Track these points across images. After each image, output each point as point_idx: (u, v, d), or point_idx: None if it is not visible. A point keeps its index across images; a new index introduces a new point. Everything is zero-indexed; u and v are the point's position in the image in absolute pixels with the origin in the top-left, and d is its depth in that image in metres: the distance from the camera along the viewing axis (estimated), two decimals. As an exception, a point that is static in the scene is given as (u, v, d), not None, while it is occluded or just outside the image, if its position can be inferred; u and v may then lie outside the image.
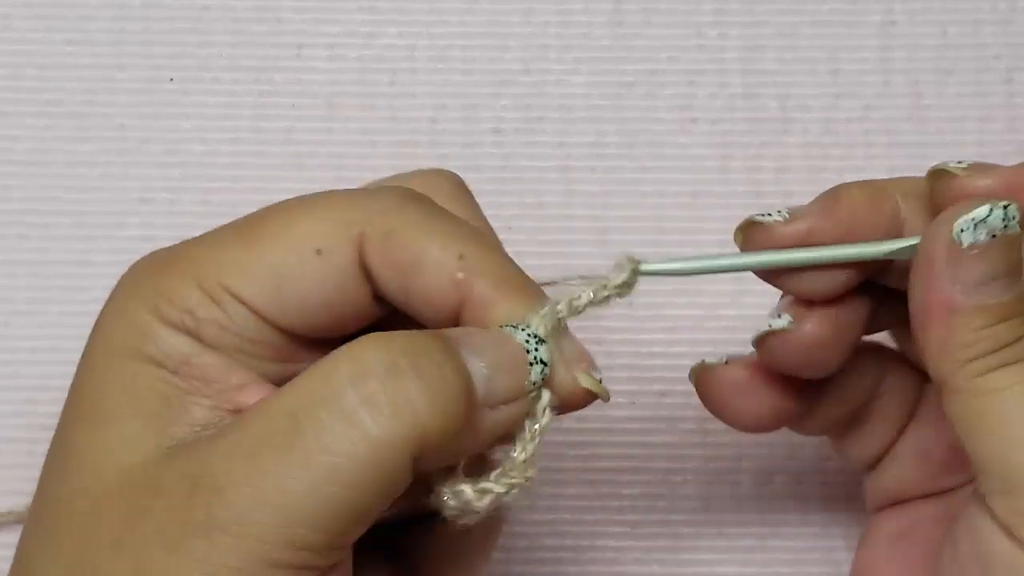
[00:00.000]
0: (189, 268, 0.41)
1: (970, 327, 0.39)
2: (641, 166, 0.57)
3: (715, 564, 0.55)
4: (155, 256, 0.43)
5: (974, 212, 0.39)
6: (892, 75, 0.58)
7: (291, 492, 0.36)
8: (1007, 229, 0.39)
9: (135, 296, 0.41)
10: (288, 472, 0.36)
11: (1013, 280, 0.39)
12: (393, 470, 0.36)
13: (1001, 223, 0.39)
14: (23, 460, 0.55)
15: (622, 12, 0.58)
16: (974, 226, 0.39)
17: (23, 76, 0.58)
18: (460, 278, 0.39)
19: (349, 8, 0.58)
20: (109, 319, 0.41)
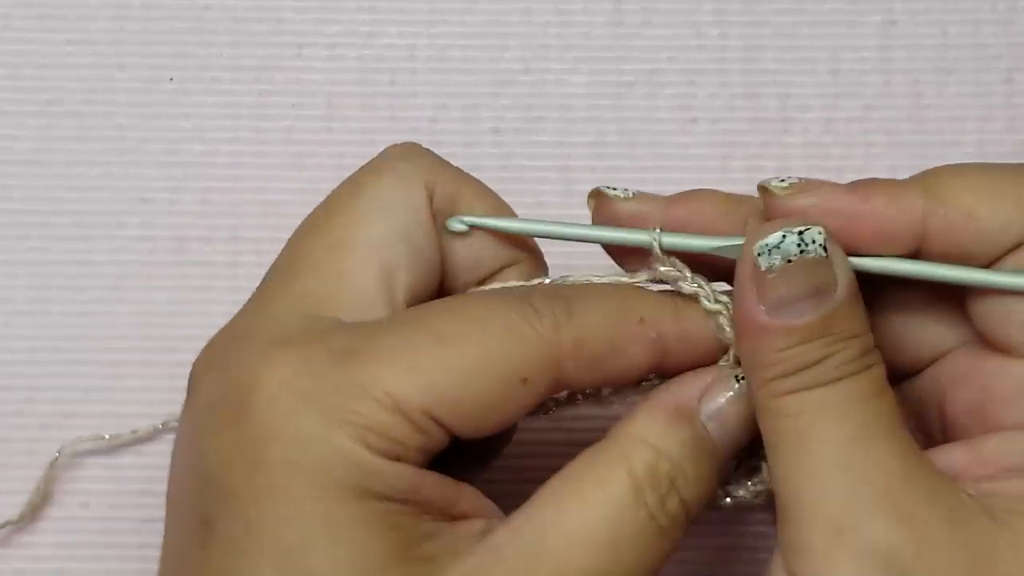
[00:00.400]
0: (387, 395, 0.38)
1: (773, 347, 0.39)
2: (641, 166, 0.57)
3: (715, 564, 0.55)
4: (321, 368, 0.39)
5: (768, 238, 0.39)
6: (892, 75, 0.58)
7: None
8: (804, 254, 0.39)
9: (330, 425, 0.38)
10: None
11: (820, 301, 0.39)
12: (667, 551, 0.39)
13: (796, 248, 0.39)
14: (23, 460, 0.55)
15: (622, 12, 0.58)
16: (768, 251, 0.39)
17: (23, 76, 0.58)
18: (653, 337, 0.41)
19: (349, 8, 0.58)
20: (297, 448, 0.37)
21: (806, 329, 0.38)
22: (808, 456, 0.39)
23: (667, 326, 0.41)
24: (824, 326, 0.38)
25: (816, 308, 0.39)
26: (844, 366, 0.39)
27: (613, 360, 0.41)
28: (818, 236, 0.39)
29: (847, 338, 0.39)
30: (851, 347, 0.39)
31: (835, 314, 0.39)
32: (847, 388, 0.39)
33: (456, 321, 0.40)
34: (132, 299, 0.56)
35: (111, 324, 0.56)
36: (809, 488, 0.38)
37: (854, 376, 0.39)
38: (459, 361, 0.39)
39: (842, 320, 0.39)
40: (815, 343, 0.39)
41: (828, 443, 0.38)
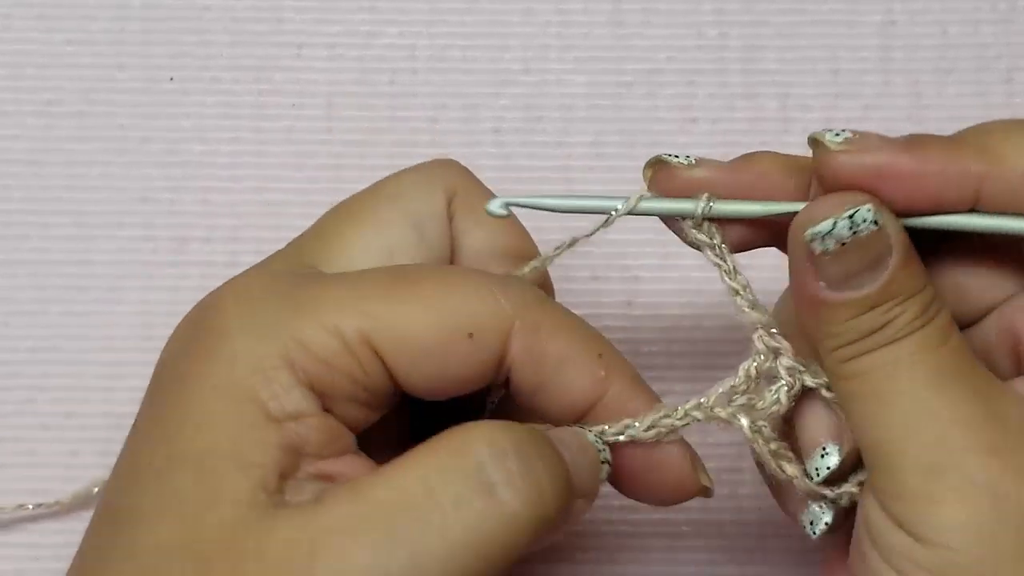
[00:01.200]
0: (332, 313, 0.40)
1: (837, 319, 0.40)
2: (641, 166, 0.57)
3: (715, 564, 0.55)
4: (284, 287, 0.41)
5: (819, 226, 0.39)
6: (892, 75, 0.58)
7: (424, 565, 0.36)
8: (857, 234, 0.39)
9: (265, 335, 0.39)
10: (424, 543, 0.37)
11: (877, 272, 0.39)
12: (518, 546, 0.38)
13: (848, 232, 0.39)
14: (23, 460, 0.55)
15: (622, 12, 0.58)
16: (821, 238, 0.39)
17: (23, 76, 0.58)
18: (602, 376, 0.42)
19: (349, 8, 0.58)
20: (228, 352, 0.40)
21: (866, 300, 0.39)
22: (888, 409, 0.39)
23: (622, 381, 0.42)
24: (883, 293, 0.39)
25: (874, 279, 0.39)
26: (908, 325, 0.39)
27: (559, 370, 0.41)
28: (868, 214, 0.39)
29: (907, 299, 0.39)
30: (912, 306, 0.39)
31: (892, 280, 0.39)
32: (914, 342, 0.39)
33: (423, 272, 0.42)
34: (132, 299, 0.56)
35: (111, 324, 0.56)
36: (896, 438, 0.39)
37: (919, 331, 0.39)
38: (407, 299, 0.40)
39: (900, 283, 0.39)
40: (877, 310, 0.39)
41: (905, 393, 0.39)
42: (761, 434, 0.42)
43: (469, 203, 0.45)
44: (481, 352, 0.41)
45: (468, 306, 0.41)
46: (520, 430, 0.39)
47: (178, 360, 0.41)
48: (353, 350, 0.40)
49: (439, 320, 0.40)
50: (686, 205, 0.42)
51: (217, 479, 0.38)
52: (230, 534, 0.37)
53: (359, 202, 0.45)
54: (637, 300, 0.56)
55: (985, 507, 0.38)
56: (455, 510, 0.37)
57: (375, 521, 0.37)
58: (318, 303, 0.40)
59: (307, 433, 0.39)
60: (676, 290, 0.56)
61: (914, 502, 0.39)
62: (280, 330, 0.39)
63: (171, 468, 0.39)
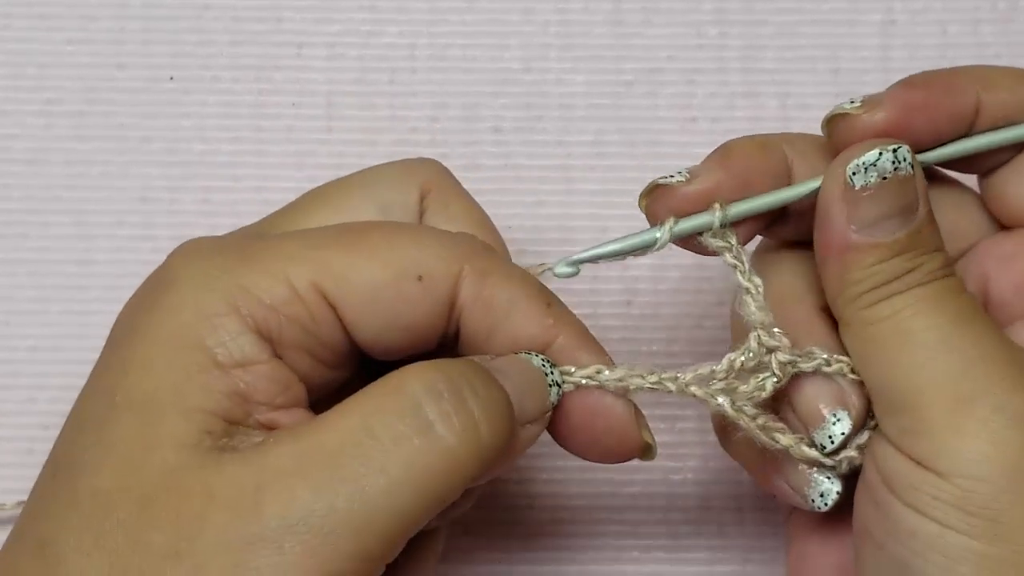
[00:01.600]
0: (280, 262, 0.40)
1: (863, 264, 0.41)
2: (641, 165, 0.57)
3: (715, 564, 0.55)
4: (235, 241, 0.42)
5: (864, 156, 0.41)
6: (892, 75, 0.58)
7: (368, 499, 0.37)
8: (897, 171, 0.41)
9: (211, 284, 0.40)
10: (366, 480, 0.37)
11: (907, 218, 0.41)
12: (455, 483, 0.38)
13: (891, 165, 0.41)
14: (23, 460, 0.55)
15: (622, 11, 0.58)
16: (864, 169, 0.41)
17: (23, 76, 0.58)
18: (550, 324, 0.42)
19: (349, 7, 0.58)
20: (174, 298, 0.40)
21: (895, 245, 0.41)
22: (913, 346, 0.40)
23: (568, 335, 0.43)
24: (911, 241, 0.41)
25: (903, 225, 0.41)
26: (933, 272, 0.41)
27: (506, 314, 0.42)
28: (907, 154, 0.41)
29: (931, 251, 0.41)
30: (935, 259, 0.41)
31: (920, 229, 0.41)
32: (938, 287, 0.41)
33: (368, 224, 0.43)
34: (132, 299, 0.56)
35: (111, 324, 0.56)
36: (921, 373, 0.40)
37: (943, 279, 0.41)
38: (356, 246, 0.41)
39: (926, 235, 0.41)
40: (903, 256, 0.41)
41: (931, 329, 0.40)
42: (744, 412, 0.42)
43: (442, 199, 0.46)
44: (431, 295, 0.41)
45: (416, 251, 0.41)
46: (454, 366, 0.40)
47: (128, 315, 0.42)
48: (302, 297, 0.40)
49: (387, 264, 0.41)
50: (705, 218, 0.43)
51: (158, 423, 0.39)
52: (172, 476, 0.38)
53: (330, 188, 0.46)
54: (637, 300, 0.56)
55: (1013, 439, 0.39)
56: (395, 447, 0.38)
57: (319, 460, 0.38)
58: (265, 253, 0.41)
59: (255, 381, 0.40)
60: (676, 290, 0.56)
61: (940, 436, 0.39)
62: (227, 279, 0.40)
63: (113, 415, 0.39)
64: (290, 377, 0.41)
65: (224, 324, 0.40)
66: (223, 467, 0.38)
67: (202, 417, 0.39)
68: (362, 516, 0.37)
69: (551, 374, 0.42)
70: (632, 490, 0.55)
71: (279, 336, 0.40)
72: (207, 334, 0.39)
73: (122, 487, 0.38)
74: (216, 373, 0.39)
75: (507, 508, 0.40)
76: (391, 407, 0.38)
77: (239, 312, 0.40)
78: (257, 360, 0.40)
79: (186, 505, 0.37)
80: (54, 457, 0.41)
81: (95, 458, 0.39)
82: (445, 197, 0.46)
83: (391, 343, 0.42)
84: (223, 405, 0.39)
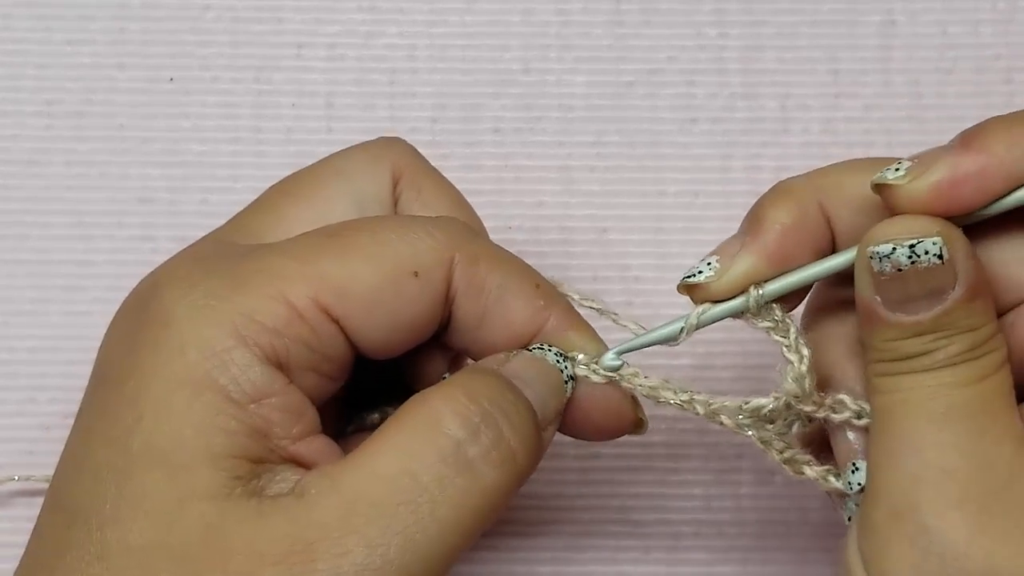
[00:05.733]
0: (276, 282, 0.39)
1: (883, 335, 0.39)
2: (641, 166, 0.57)
3: (715, 564, 0.55)
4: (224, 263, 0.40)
5: (879, 247, 0.39)
6: (892, 75, 0.58)
7: (419, 548, 0.37)
8: (916, 264, 0.38)
9: (211, 317, 0.39)
10: (416, 529, 0.37)
11: (934, 301, 0.39)
12: (498, 513, 0.39)
13: (906, 260, 0.38)
14: (23, 460, 0.55)
15: (622, 12, 0.58)
16: (879, 259, 0.39)
17: (23, 76, 0.58)
18: (541, 305, 0.42)
19: (349, 8, 0.58)
20: (176, 339, 0.39)
21: (915, 326, 0.39)
22: (889, 434, 0.39)
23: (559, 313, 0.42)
24: (935, 324, 0.39)
25: (929, 307, 0.39)
26: (947, 359, 0.39)
27: (500, 299, 0.42)
28: (932, 246, 0.39)
29: (959, 333, 0.39)
30: (960, 342, 0.39)
31: (949, 312, 0.39)
32: (943, 375, 0.39)
33: (353, 226, 0.41)
34: (132, 299, 0.56)
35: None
36: (884, 466, 0.39)
37: (954, 367, 0.39)
38: (348, 253, 0.40)
39: (955, 317, 0.39)
40: (923, 338, 0.39)
41: (906, 423, 0.39)
42: (772, 446, 0.42)
43: (415, 183, 0.45)
44: (429, 288, 0.41)
45: (408, 247, 0.41)
46: (484, 391, 0.40)
47: (122, 354, 0.40)
48: (304, 315, 0.39)
49: (383, 266, 0.40)
50: (739, 302, 0.42)
51: (186, 474, 0.38)
52: (212, 533, 0.37)
53: (302, 178, 0.45)
54: (637, 300, 0.56)
55: (932, 563, 0.37)
56: (441, 493, 0.38)
57: (367, 514, 0.37)
58: (260, 275, 0.40)
59: (271, 414, 0.39)
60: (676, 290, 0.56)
61: (876, 538, 0.38)
62: (225, 308, 0.39)
63: (134, 466, 0.38)
64: (303, 402, 0.40)
65: (234, 358, 0.38)
66: (265, 520, 0.37)
67: (229, 463, 0.38)
68: (415, 564, 0.37)
69: (566, 369, 0.42)
70: (632, 490, 0.55)
71: (287, 360, 0.39)
72: (218, 372, 0.38)
73: (158, 544, 0.37)
74: (233, 412, 0.38)
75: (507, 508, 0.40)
76: (431, 450, 0.38)
77: (246, 343, 0.39)
78: (271, 391, 0.39)
79: (232, 564, 0.37)
80: (65, 505, 0.40)
81: (122, 513, 0.38)
82: (417, 180, 0.45)
83: (393, 344, 0.41)
84: (246, 446, 0.38)
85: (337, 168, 0.45)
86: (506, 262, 0.42)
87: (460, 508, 0.38)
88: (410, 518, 0.37)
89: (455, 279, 0.41)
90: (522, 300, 0.42)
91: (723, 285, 0.42)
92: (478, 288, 0.42)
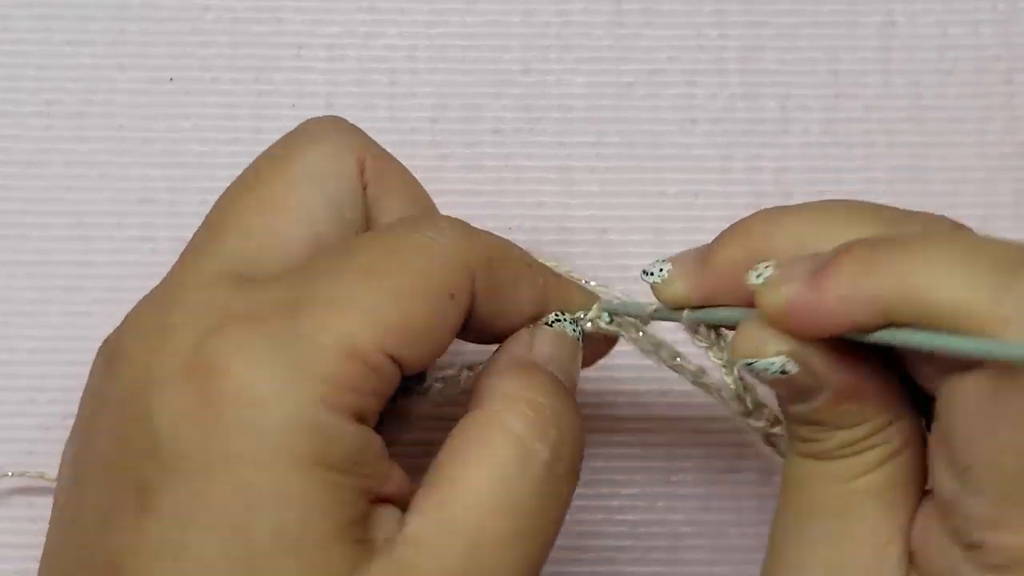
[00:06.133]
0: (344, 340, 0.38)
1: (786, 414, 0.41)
2: (641, 166, 0.57)
3: (715, 564, 0.55)
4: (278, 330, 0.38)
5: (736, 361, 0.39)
6: (892, 75, 0.58)
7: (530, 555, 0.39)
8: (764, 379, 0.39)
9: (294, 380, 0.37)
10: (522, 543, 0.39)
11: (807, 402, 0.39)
12: None
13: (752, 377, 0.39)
14: (23, 460, 0.55)
15: (622, 12, 0.58)
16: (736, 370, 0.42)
17: (23, 76, 0.58)
18: (541, 283, 0.43)
19: (349, 8, 0.58)
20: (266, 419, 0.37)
21: (793, 415, 0.40)
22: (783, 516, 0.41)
23: (552, 283, 0.44)
24: (806, 418, 0.39)
25: (800, 404, 0.39)
26: (829, 452, 0.39)
27: (511, 291, 0.42)
28: (770, 364, 0.38)
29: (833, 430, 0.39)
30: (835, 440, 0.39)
31: (818, 412, 0.39)
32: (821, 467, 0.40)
33: (376, 254, 0.40)
34: (132, 299, 0.55)
35: (111, 324, 0.55)
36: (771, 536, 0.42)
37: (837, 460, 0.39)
38: (397, 290, 0.39)
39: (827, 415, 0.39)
40: (805, 427, 0.40)
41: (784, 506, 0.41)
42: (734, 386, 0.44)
43: (377, 171, 0.45)
44: (462, 304, 0.41)
45: (443, 271, 0.40)
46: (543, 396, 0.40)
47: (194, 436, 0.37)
48: (375, 366, 0.39)
49: (430, 302, 0.40)
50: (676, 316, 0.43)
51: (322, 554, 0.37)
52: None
53: (269, 181, 0.43)
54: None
55: None
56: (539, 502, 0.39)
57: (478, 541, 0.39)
58: (326, 334, 0.38)
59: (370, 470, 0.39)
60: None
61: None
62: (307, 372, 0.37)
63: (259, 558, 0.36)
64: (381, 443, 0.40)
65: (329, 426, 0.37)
66: None
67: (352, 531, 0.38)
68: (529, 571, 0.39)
69: (580, 337, 0.44)
70: (632, 490, 0.55)
71: (365, 412, 0.39)
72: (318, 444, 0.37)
73: None
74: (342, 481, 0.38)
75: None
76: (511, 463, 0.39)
77: (332, 409, 0.37)
78: (365, 446, 0.38)
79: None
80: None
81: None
82: (378, 169, 0.45)
83: (432, 358, 0.41)
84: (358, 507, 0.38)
85: (306, 170, 0.43)
86: (507, 252, 0.43)
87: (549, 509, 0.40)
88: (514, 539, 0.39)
89: (477, 287, 0.41)
90: (526, 284, 0.43)
91: (664, 295, 0.43)
92: (495, 288, 0.42)
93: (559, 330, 0.43)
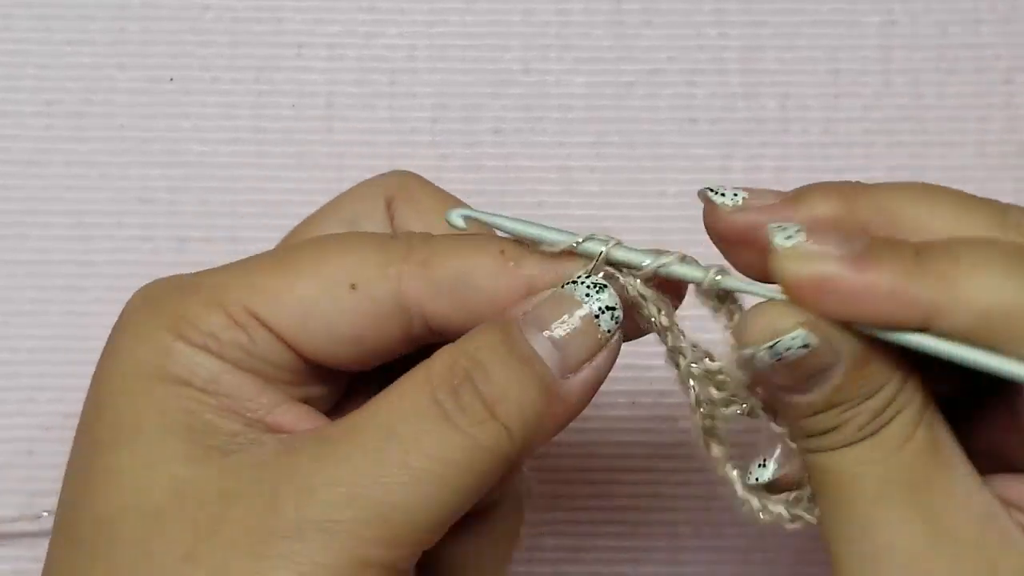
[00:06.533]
0: (213, 292, 0.41)
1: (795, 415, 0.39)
2: (641, 166, 0.57)
3: (715, 564, 0.55)
4: (173, 281, 0.42)
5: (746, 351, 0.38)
6: (892, 75, 0.58)
7: (390, 488, 0.37)
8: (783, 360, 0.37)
9: (154, 319, 0.41)
10: (386, 472, 0.37)
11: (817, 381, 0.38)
12: (484, 472, 0.38)
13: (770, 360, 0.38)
14: (23, 460, 0.55)
15: (622, 12, 0.58)
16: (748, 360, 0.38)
17: (23, 76, 0.58)
18: (512, 265, 0.41)
19: (349, 8, 0.58)
20: (126, 342, 0.41)
21: (811, 406, 0.38)
22: (832, 515, 0.39)
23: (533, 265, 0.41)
24: (829, 401, 0.38)
25: (818, 387, 0.38)
26: (859, 431, 0.38)
27: (466, 289, 0.41)
28: (792, 342, 0.37)
29: (861, 402, 0.38)
30: (864, 411, 0.38)
31: (839, 388, 0.38)
32: (865, 449, 0.38)
33: (304, 244, 0.42)
34: (132, 299, 0.56)
35: (111, 324, 0.56)
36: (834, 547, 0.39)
37: (871, 437, 0.38)
38: (285, 266, 0.41)
39: (848, 390, 0.38)
40: (828, 413, 0.38)
41: (847, 504, 0.38)
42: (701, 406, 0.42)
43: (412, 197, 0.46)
44: (369, 302, 0.40)
45: (346, 261, 0.41)
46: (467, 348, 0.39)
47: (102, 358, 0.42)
48: (238, 321, 0.40)
49: (316, 277, 0.41)
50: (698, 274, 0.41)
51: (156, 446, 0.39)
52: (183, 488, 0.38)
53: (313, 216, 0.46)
54: (637, 300, 0.56)
55: None
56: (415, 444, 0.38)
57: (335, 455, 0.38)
58: (202, 285, 0.41)
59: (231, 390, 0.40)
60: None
61: None
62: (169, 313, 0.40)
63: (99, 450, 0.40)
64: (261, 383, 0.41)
65: (180, 352, 0.40)
66: (240, 472, 0.38)
67: (199, 435, 0.39)
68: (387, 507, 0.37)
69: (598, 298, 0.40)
70: (632, 490, 0.55)
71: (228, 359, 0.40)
72: (169, 364, 0.40)
73: (126, 508, 0.38)
74: (190, 393, 0.40)
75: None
76: (410, 405, 0.38)
77: (188, 341, 0.40)
78: (221, 373, 0.40)
79: (202, 511, 0.37)
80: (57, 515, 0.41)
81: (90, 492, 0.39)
82: (414, 194, 0.46)
83: (342, 354, 0.41)
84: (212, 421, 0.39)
85: (335, 202, 0.46)
86: (458, 246, 0.41)
87: (435, 460, 0.38)
88: (380, 462, 0.37)
89: (411, 291, 0.41)
90: (490, 272, 0.41)
91: (727, 222, 0.40)
92: (439, 287, 0.41)
93: (559, 293, 0.40)
